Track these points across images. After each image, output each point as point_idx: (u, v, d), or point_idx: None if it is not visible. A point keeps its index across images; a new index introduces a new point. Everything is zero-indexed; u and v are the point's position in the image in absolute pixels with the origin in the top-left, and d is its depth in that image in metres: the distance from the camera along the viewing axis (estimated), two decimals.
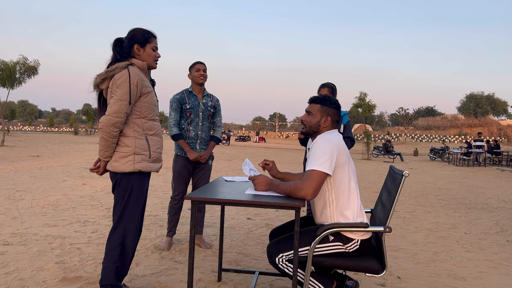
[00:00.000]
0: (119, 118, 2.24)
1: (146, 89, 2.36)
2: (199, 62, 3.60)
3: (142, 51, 2.40)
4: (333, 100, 2.30)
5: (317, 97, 2.31)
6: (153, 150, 2.41)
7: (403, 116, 65.53)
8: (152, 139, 2.42)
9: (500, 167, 16.54)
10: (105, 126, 2.23)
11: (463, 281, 3.13)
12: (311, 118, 2.29)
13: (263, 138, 45.37)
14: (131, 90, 2.26)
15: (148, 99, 2.38)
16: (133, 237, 2.40)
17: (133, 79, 2.27)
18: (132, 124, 2.34)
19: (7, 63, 18.44)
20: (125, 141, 2.33)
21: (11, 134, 35.90)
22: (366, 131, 21.24)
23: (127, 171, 2.31)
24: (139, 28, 2.42)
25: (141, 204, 2.42)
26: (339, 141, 2.17)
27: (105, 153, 2.31)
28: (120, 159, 2.32)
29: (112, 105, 2.24)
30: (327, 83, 3.78)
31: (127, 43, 2.39)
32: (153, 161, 2.42)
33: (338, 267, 2.13)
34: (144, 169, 2.36)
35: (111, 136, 2.26)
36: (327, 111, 2.28)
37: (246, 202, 2.02)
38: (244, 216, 5.20)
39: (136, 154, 2.33)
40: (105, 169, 2.40)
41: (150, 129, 2.41)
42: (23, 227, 4.18)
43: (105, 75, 2.29)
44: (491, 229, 5.02)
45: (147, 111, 2.39)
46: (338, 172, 2.15)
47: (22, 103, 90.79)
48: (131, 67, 2.30)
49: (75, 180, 7.88)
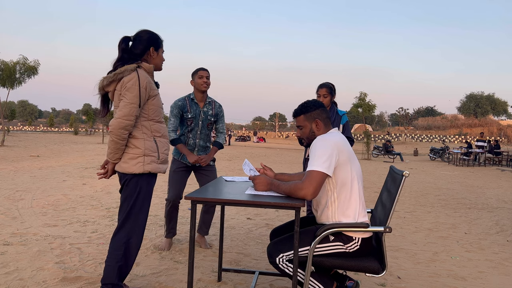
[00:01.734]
0: (129, 121, 2.26)
1: (154, 91, 2.39)
2: (202, 69, 3.53)
3: (156, 54, 2.44)
4: (311, 103, 2.32)
5: (297, 110, 2.35)
6: (161, 151, 2.44)
7: (403, 116, 65.52)
8: (160, 140, 2.44)
9: (500, 167, 16.54)
10: (116, 129, 2.25)
11: (463, 281, 3.13)
12: (304, 131, 2.34)
13: (263, 138, 45.37)
14: (141, 93, 2.29)
15: (155, 102, 2.41)
16: (138, 237, 2.42)
17: (142, 82, 2.29)
18: (140, 126, 2.37)
19: (7, 63, 18.45)
20: (135, 142, 2.35)
21: (11, 134, 35.91)
22: (366, 131, 21.23)
23: (137, 172, 2.33)
24: (153, 32, 2.45)
25: (147, 205, 2.45)
26: (339, 140, 2.16)
27: (115, 155, 2.33)
28: (130, 160, 2.34)
29: (122, 108, 2.26)
30: (325, 83, 3.77)
31: (142, 45, 2.39)
32: (161, 162, 2.45)
33: (338, 267, 2.13)
34: (153, 170, 2.39)
35: (121, 138, 2.28)
36: (312, 116, 2.30)
37: (246, 202, 2.02)
38: (244, 216, 5.20)
39: (146, 156, 2.36)
40: (113, 171, 2.42)
41: (158, 130, 2.44)
42: (23, 227, 4.18)
43: (113, 77, 2.29)
44: (491, 229, 5.02)
45: (155, 113, 2.41)
46: (340, 172, 2.14)
47: (22, 103, 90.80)
48: (139, 70, 2.32)
49: (75, 180, 7.88)
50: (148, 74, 2.40)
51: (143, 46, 2.39)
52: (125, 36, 2.41)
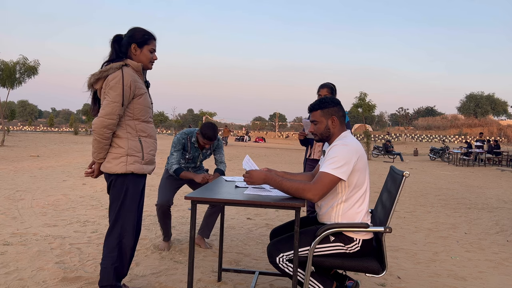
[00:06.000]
0: (111, 120, 2.23)
1: (140, 90, 2.34)
2: (207, 138, 3.44)
3: (139, 52, 2.37)
4: (330, 99, 2.29)
5: (314, 104, 2.30)
6: (147, 152, 2.40)
7: (403, 116, 65.53)
8: (145, 140, 2.40)
9: (500, 167, 16.54)
10: (98, 128, 2.22)
11: (463, 281, 3.13)
12: (318, 126, 2.28)
13: (263, 138, 45.34)
14: (124, 92, 2.24)
15: (142, 101, 2.35)
16: (130, 237, 2.39)
17: (126, 80, 2.25)
18: (125, 126, 2.33)
19: (7, 63, 18.42)
20: (118, 142, 2.31)
21: (11, 134, 35.88)
22: (366, 131, 21.23)
23: (119, 172, 2.30)
24: (140, 28, 2.40)
25: (136, 204, 2.41)
26: (359, 147, 2.15)
27: (99, 155, 2.31)
28: (113, 160, 2.31)
29: (104, 106, 2.23)
30: (326, 83, 3.77)
31: (125, 42, 2.37)
32: (146, 163, 2.41)
33: (338, 267, 2.13)
34: (136, 171, 2.34)
35: (104, 137, 2.25)
36: (329, 112, 2.26)
37: (246, 202, 2.02)
38: (244, 216, 5.20)
39: (129, 156, 2.31)
40: (100, 171, 2.39)
41: (144, 130, 2.39)
42: (23, 227, 4.18)
43: (99, 75, 2.27)
44: (491, 229, 5.02)
45: (140, 112, 2.37)
46: (353, 176, 2.12)
47: (22, 103, 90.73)
48: (125, 68, 2.28)
49: (75, 180, 7.88)
50: (136, 72, 2.35)
51: (126, 43, 2.36)
52: (117, 34, 2.40)
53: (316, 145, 3.79)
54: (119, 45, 2.38)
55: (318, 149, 3.77)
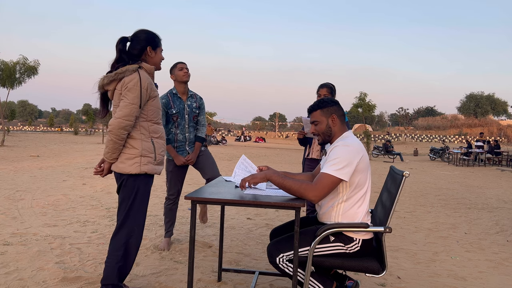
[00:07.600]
0: (129, 122, 2.27)
1: (154, 93, 2.40)
2: (181, 62, 3.61)
3: (154, 54, 2.44)
4: (328, 99, 2.31)
5: (313, 105, 2.32)
6: (158, 152, 2.44)
7: (403, 116, 65.54)
8: (157, 141, 2.44)
9: (500, 167, 16.53)
10: (115, 128, 2.25)
11: (463, 281, 3.13)
12: (319, 126, 2.29)
13: (263, 138, 45.34)
14: (142, 94, 2.29)
15: (155, 103, 2.42)
16: (137, 237, 2.42)
17: (144, 82, 2.29)
18: (139, 127, 2.37)
19: (7, 63, 18.45)
20: (132, 143, 2.35)
21: (11, 134, 35.90)
22: (366, 131, 21.24)
23: (133, 172, 2.33)
24: (149, 31, 2.44)
25: (146, 204, 2.45)
26: (360, 146, 2.15)
27: (112, 155, 2.33)
28: (127, 160, 2.34)
29: (122, 108, 2.26)
30: (326, 83, 3.77)
31: (139, 45, 2.38)
32: (158, 163, 2.45)
33: (338, 267, 2.13)
34: (149, 171, 2.39)
35: (120, 138, 2.28)
36: (328, 111, 2.28)
37: (246, 202, 2.02)
38: (244, 216, 5.20)
39: (143, 156, 2.36)
40: (109, 170, 2.41)
41: (156, 132, 2.44)
42: (23, 227, 4.18)
43: (114, 76, 2.29)
44: (491, 229, 5.02)
45: (153, 114, 2.42)
46: (355, 177, 2.12)
47: (22, 103, 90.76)
48: (141, 71, 2.32)
49: (75, 180, 7.88)
50: (149, 75, 2.40)
51: (141, 46, 2.38)
52: (122, 36, 2.40)
53: (315, 145, 3.79)
54: (126, 47, 2.39)
55: (317, 148, 3.77)
